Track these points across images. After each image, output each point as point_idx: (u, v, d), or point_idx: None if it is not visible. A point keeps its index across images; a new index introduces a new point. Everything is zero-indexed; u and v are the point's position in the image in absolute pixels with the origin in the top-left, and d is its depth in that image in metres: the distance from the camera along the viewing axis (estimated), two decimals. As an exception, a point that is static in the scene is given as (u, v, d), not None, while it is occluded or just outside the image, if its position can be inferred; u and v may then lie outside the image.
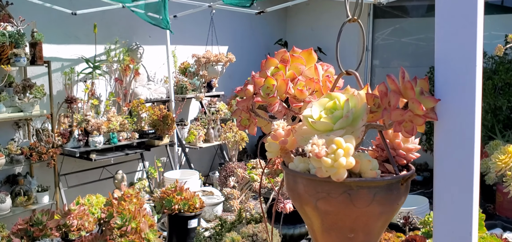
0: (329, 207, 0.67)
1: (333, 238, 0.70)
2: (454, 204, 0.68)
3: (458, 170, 0.67)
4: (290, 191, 0.71)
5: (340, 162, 0.63)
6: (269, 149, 0.72)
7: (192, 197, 3.82)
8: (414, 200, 3.88)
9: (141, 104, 4.78)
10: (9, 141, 3.96)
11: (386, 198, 0.67)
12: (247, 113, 0.72)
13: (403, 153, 0.73)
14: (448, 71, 0.67)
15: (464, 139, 0.66)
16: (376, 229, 0.71)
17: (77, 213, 3.40)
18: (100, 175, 4.66)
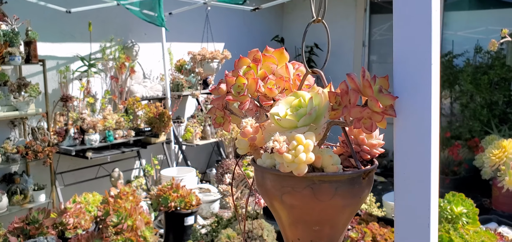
0: (294, 201, 0.70)
1: (299, 231, 0.73)
2: (413, 196, 0.71)
3: (416, 164, 0.70)
4: (259, 186, 0.74)
5: (300, 157, 0.66)
6: (239, 146, 0.75)
7: (188, 194, 3.82)
8: (410, 195, 3.89)
9: (137, 102, 4.77)
10: (4, 139, 3.95)
11: (349, 192, 0.70)
12: (222, 111, 0.74)
13: (367, 149, 0.75)
14: (406, 71, 0.70)
15: (422, 134, 0.69)
16: (341, 221, 0.74)
17: (73, 211, 3.40)
18: (97, 173, 4.65)
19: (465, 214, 2.46)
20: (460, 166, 5.10)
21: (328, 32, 0.79)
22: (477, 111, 4.84)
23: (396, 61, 0.71)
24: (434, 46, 0.68)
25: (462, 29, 6.06)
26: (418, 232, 0.71)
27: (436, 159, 0.70)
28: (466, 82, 4.89)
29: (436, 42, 0.69)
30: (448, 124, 5.38)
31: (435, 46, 0.68)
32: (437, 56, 0.69)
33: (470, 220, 2.48)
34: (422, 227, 0.71)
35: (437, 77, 0.69)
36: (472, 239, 2.29)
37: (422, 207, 0.70)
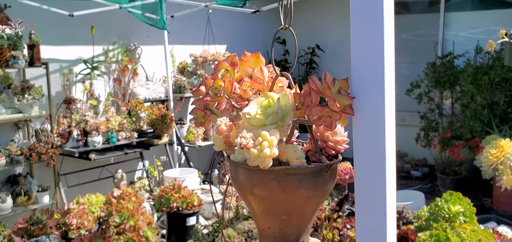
0: (262, 192, 0.76)
1: (269, 220, 0.79)
2: (371, 185, 0.77)
3: (372, 158, 0.76)
4: (234, 181, 0.81)
5: (264, 152, 0.72)
6: (215, 142, 0.82)
7: (190, 195, 3.86)
8: (410, 195, 3.91)
9: (139, 104, 4.82)
10: (9, 141, 4.01)
11: (312, 183, 0.76)
12: (202, 111, 0.80)
13: (331, 145, 0.81)
14: (362, 74, 0.76)
15: (377, 130, 0.75)
16: (308, 211, 0.79)
17: (76, 212, 3.44)
18: (100, 175, 4.70)
19: (462, 213, 2.48)
20: (461, 166, 5.11)
21: (295, 38, 0.84)
22: (478, 111, 4.86)
23: (354, 65, 0.77)
24: (387, 51, 0.74)
25: (464, 29, 6.08)
26: (376, 221, 0.77)
27: (391, 152, 0.76)
28: (466, 82, 4.91)
29: (389, 48, 0.75)
30: (449, 124, 5.39)
31: (388, 51, 0.74)
32: (390, 60, 0.75)
33: (468, 219, 2.50)
34: (379, 215, 0.77)
35: (391, 79, 0.75)
36: (469, 238, 2.31)
37: (379, 195, 0.76)
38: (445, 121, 5.55)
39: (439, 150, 5.33)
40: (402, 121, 6.39)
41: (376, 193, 0.76)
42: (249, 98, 0.81)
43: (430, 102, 5.65)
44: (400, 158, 6.26)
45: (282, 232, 0.80)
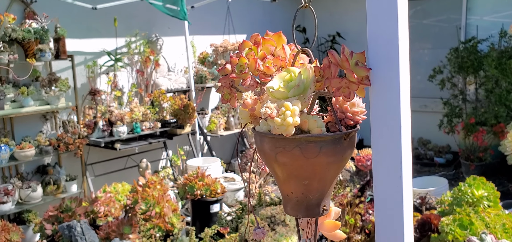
0: (286, 159, 0.81)
1: (292, 185, 0.84)
2: (387, 151, 0.84)
3: (388, 125, 0.83)
4: (259, 151, 0.86)
5: (287, 121, 0.77)
6: (241, 116, 0.88)
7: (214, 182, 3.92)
8: (433, 181, 3.89)
9: (162, 95, 4.89)
10: (37, 133, 4.13)
11: (332, 151, 0.81)
12: (228, 88, 0.84)
13: (350, 116, 0.86)
14: (378, 46, 0.82)
15: (392, 99, 0.82)
16: (328, 177, 0.85)
17: (103, 200, 3.54)
18: (125, 164, 4.81)
19: (486, 197, 2.47)
20: (485, 152, 5.04)
21: (314, 16, 0.88)
22: (503, 96, 4.77)
23: (370, 38, 0.82)
24: (401, 25, 0.80)
25: (488, 13, 5.95)
26: (392, 183, 0.83)
27: (406, 119, 0.84)
28: (491, 67, 4.82)
29: (403, 21, 0.80)
30: (473, 110, 5.32)
31: (402, 25, 0.80)
32: (404, 33, 0.81)
33: (491, 203, 2.49)
34: (396, 179, 0.82)
35: (405, 51, 0.82)
36: (493, 222, 2.30)
37: (395, 159, 0.83)
38: (468, 106, 5.47)
39: (462, 136, 5.27)
40: (424, 107, 6.33)
41: (392, 157, 0.83)
42: (272, 74, 0.86)
43: (453, 88, 5.58)
44: (423, 144, 6.20)
45: (304, 196, 0.85)
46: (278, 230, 2.78)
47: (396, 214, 0.84)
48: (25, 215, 3.86)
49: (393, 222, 0.84)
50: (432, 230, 2.43)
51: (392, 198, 0.83)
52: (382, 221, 0.87)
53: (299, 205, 0.86)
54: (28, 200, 3.86)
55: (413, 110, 4.02)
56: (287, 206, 0.89)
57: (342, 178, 2.98)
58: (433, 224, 2.44)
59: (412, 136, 5.99)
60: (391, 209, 0.84)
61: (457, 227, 2.29)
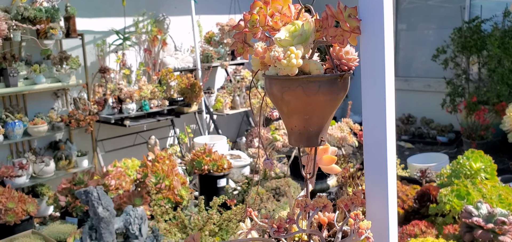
0: (290, 97, 0.97)
1: (295, 120, 1.00)
2: (373, 86, 1.02)
3: (375, 66, 1.01)
4: (269, 94, 1.02)
5: (292, 62, 0.93)
6: (253, 63, 1.03)
7: (220, 158, 4.04)
8: (434, 158, 3.99)
9: (169, 73, 4.99)
10: (49, 109, 4.26)
11: (329, 90, 0.98)
12: (241, 43, 0.96)
13: (344, 62, 1.00)
14: (367, 2, 0.99)
15: (378, 45, 1.00)
16: (325, 113, 1.01)
17: (114, 174, 3.67)
18: (134, 141, 4.93)
19: (483, 169, 2.57)
20: (487, 130, 5.13)
21: None
22: (505, 75, 4.84)
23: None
24: None
25: (493, -7, 5.98)
26: (377, 111, 1.02)
27: (390, 62, 1.00)
28: (493, 46, 4.88)
29: None
30: (476, 89, 5.38)
31: None
32: None
33: (488, 176, 2.59)
34: (381, 105, 1.00)
35: (389, 6, 0.99)
36: (489, 193, 2.41)
37: (380, 90, 1.01)
38: (471, 86, 5.53)
39: (465, 115, 5.35)
40: (428, 87, 6.40)
41: (377, 89, 1.01)
42: (280, 29, 1.01)
43: (456, 68, 5.64)
44: (426, 124, 6.29)
45: (305, 129, 1.00)
46: (282, 200, 2.90)
47: (380, 138, 1.02)
48: (39, 189, 4.00)
49: (377, 147, 1.03)
50: (431, 200, 2.54)
51: (377, 123, 1.01)
52: (369, 140, 1.05)
53: (301, 137, 1.01)
54: (41, 174, 4.00)
55: (417, 90, 4.20)
56: (291, 138, 1.04)
57: (345, 152, 3.09)
58: (432, 195, 2.55)
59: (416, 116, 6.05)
60: (375, 130, 1.03)
61: (455, 197, 2.40)
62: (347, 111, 3.79)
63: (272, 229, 0.94)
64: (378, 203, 1.03)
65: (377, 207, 1.02)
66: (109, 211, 2.02)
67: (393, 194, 1.04)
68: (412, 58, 6.82)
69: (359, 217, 0.94)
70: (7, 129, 3.78)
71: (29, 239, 3.01)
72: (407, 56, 6.85)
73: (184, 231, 2.55)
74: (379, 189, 1.03)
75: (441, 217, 2.46)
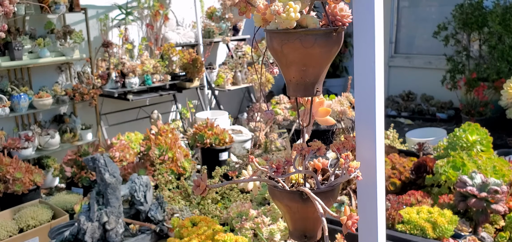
0: (289, 49, 1.04)
1: (293, 71, 1.08)
2: (365, 37, 1.10)
3: (365, 21, 1.09)
4: (269, 48, 1.09)
5: (290, 15, 0.99)
6: (255, 19, 1.09)
7: (222, 132, 4.11)
8: (433, 132, 4.06)
9: (171, 48, 5.03)
10: (54, 83, 4.31)
11: (324, 42, 1.05)
12: (244, 2, 1.06)
13: (339, 18, 1.07)
14: None
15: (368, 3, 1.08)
16: (321, 64, 1.09)
17: (118, 146, 3.75)
18: (137, 115, 5.00)
19: (479, 141, 2.63)
20: (486, 107, 5.18)
21: None
22: (505, 52, 4.87)
23: None
24: None
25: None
26: (368, 62, 1.09)
27: (379, 17, 1.07)
28: (494, 23, 4.90)
29: None
30: (476, 66, 5.42)
31: None
32: None
33: (484, 148, 2.65)
34: (370, 60, 1.08)
35: None
36: (484, 164, 2.47)
37: (369, 47, 1.08)
38: (472, 63, 5.57)
39: (464, 92, 5.40)
40: (429, 64, 6.43)
41: (368, 41, 1.08)
42: None
43: (457, 45, 5.66)
44: (426, 100, 6.34)
45: (302, 80, 1.08)
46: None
47: (369, 84, 1.10)
48: (45, 161, 4.08)
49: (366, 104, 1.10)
50: (427, 171, 2.61)
51: (367, 71, 1.09)
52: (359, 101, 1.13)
53: (299, 87, 1.09)
54: (47, 146, 4.08)
55: (418, 67, 4.26)
56: (290, 88, 1.12)
57: (344, 126, 3.15)
58: (429, 166, 2.61)
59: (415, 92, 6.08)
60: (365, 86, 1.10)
61: (451, 168, 2.47)
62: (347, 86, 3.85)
63: (272, 169, 1.02)
64: (367, 145, 1.10)
65: (366, 150, 1.10)
66: (116, 177, 2.09)
67: (381, 138, 1.11)
68: (414, 35, 6.84)
69: (349, 157, 1.01)
70: (13, 101, 3.84)
71: (36, 208, 3.10)
72: (409, 34, 6.87)
73: (187, 199, 2.63)
74: (368, 133, 1.10)
75: (437, 188, 2.53)
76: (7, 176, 3.28)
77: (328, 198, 1.09)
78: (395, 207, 2.35)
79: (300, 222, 1.13)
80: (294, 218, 1.13)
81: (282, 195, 1.11)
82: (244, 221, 2.17)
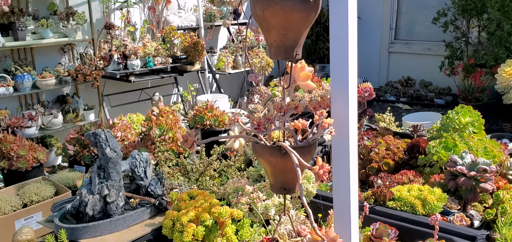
0: (270, 14, 1.13)
1: (274, 35, 1.16)
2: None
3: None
4: (253, 15, 1.18)
5: None
6: None
7: (222, 114, 4.17)
8: (429, 116, 4.12)
9: (173, 31, 5.08)
10: (56, 64, 4.38)
11: (302, 8, 1.13)
12: None
13: None
14: None
15: None
16: (299, 29, 1.17)
17: (120, 126, 3.82)
18: (139, 97, 5.07)
19: (471, 123, 2.69)
20: (483, 92, 5.23)
21: None
22: (504, 38, 4.90)
23: None
24: None
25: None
26: (342, 35, 1.15)
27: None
28: (493, 9, 4.92)
29: None
30: (474, 52, 5.46)
31: None
32: None
33: (476, 130, 2.72)
34: (344, 32, 1.14)
35: None
36: (476, 145, 2.54)
37: (343, 13, 1.14)
38: (470, 49, 5.60)
39: (462, 78, 5.45)
40: (428, 50, 6.47)
41: (342, 8, 1.15)
42: None
43: (456, 31, 5.70)
44: (425, 86, 6.39)
45: (283, 43, 1.16)
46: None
47: (343, 45, 1.16)
48: (48, 140, 4.16)
49: None
50: (420, 152, 2.68)
51: (341, 32, 1.15)
52: None
53: (279, 50, 1.17)
54: (50, 126, 4.16)
55: (417, 53, 4.33)
56: (271, 51, 1.20)
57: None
58: (421, 147, 2.68)
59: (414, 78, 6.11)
60: None
61: (442, 149, 2.53)
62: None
63: (253, 126, 1.10)
64: (340, 104, 1.17)
65: (340, 108, 1.17)
66: (116, 152, 2.17)
67: (354, 99, 1.19)
68: (414, 22, 6.86)
69: (323, 114, 1.09)
70: (17, 81, 3.92)
71: (39, 184, 3.19)
72: (409, 20, 6.89)
73: (186, 176, 2.71)
74: (341, 94, 1.17)
75: (428, 168, 2.60)
76: (11, 153, 3.37)
77: (305, 153, 1.18)
78: (386, 185, 2.42)
79: (280, 175, 1.23)
80: (274, 171, 1.23)
81: (263, 150, 1.21)
82: (240, 196, 2.25)
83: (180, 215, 1.96)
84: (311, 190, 2.42)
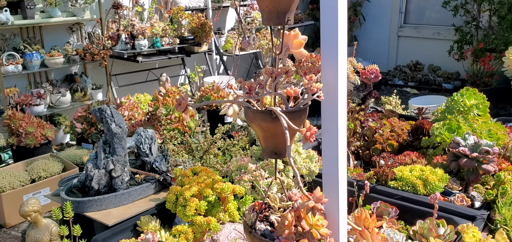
0: None
1: (266, 0, 1.18)
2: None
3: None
4: None
5: None
6: None
7: (228, 95, 4.19)
8: (435, 100, 4.10)
9: (180, 12, 5.08)
10: (65, 43, 4.42)
11: None
12: None
13: None
14: None
15: None
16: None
17: (128, 105, 3.86)
18: (146, 77, 5.11)
19: (476, 106, 2.69)
20: (491, 77, 5.18)
21: None
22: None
23: None
24: None
25: None
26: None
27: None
28: (504, -7, 4.86)
29: None
30: (484, 37, 5.40)
31: None
32: None
33: (481, 112, 2.71)
34: None
35: None
36: (480, 128, 2.54)
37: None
38: (480, 34, 5.54)
39: (471, 62, 5.40)
40: (437, 34, 6.41)
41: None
42: None
43: (466, 15, 5.63)
44: (433, 71, 6.34)
45: (274, 9, 1.18)
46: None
47: (332, 18, 1.16)
48: (56, 118, 4.22)
49: None
50: (424, 134, 2.68)
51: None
52: None
53: (271, 15, 1.19)
54: (58, 104, 4.21)
55: (426, 37, 4.33)
56: (264, 16, 1.21)
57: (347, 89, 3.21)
58: (425, 129, 2.69)
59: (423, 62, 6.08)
60: None
61: (446, 131, 2.54)
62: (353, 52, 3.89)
63: (245, 90, 1.12)
64: (330, 71, 1.18)
65: (330, 75, 1.18)
66: (122, 128, 2.20)
67: (343, 64, 1.19)
68: (424, 6, 6.79)
69: (312, 79, 1.10)
70: (25, 59, 3.96)
71: (47, 161, 3.25)
72: (419, 4, 6.82)
73: (191, 153, 2.74)
74: (331, 61, 1.17)
75: (432, 149, 2.61)
76: (20, 130, 3.42)
77: (294, 118, 1.20)
78: (389, 165, 2.44)
79: (271, 139, 1.25)
80: (266, 136, 1.25)
81: (255, 115, 1.23)
82: (243, 174, 2.28)
83: (183, 190, 2.00)
84: (314, 169, 2.44)
